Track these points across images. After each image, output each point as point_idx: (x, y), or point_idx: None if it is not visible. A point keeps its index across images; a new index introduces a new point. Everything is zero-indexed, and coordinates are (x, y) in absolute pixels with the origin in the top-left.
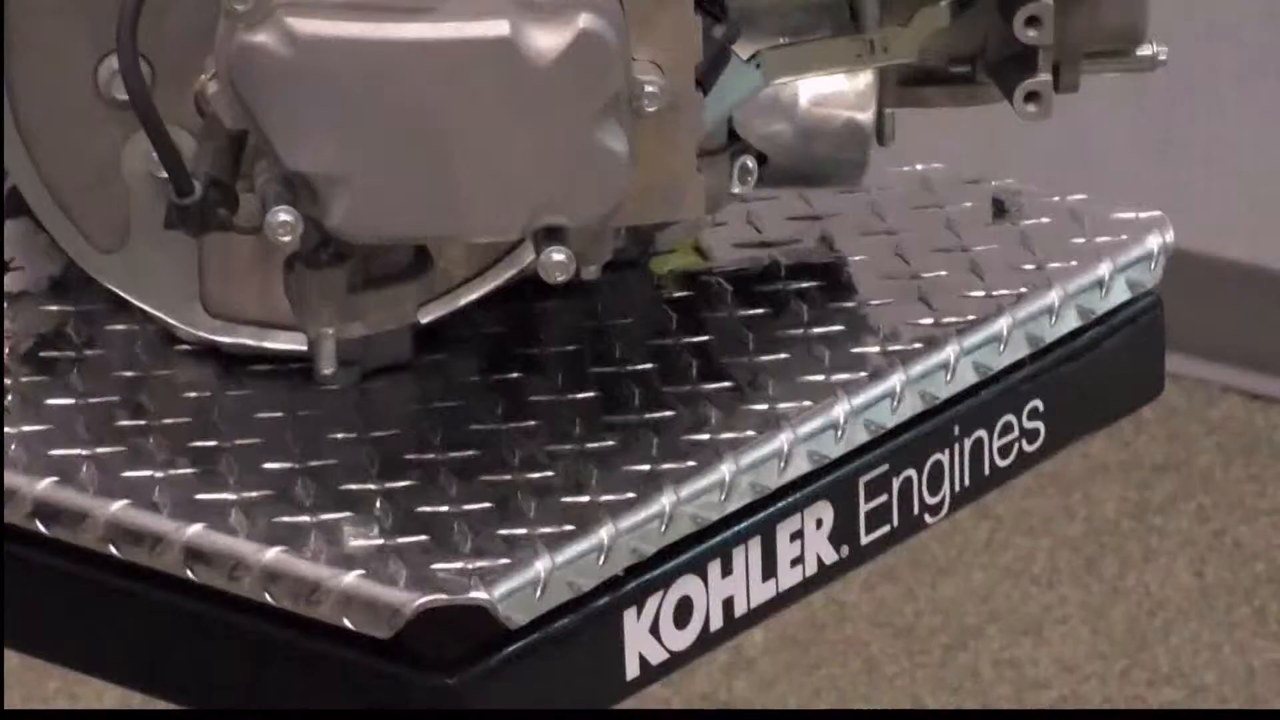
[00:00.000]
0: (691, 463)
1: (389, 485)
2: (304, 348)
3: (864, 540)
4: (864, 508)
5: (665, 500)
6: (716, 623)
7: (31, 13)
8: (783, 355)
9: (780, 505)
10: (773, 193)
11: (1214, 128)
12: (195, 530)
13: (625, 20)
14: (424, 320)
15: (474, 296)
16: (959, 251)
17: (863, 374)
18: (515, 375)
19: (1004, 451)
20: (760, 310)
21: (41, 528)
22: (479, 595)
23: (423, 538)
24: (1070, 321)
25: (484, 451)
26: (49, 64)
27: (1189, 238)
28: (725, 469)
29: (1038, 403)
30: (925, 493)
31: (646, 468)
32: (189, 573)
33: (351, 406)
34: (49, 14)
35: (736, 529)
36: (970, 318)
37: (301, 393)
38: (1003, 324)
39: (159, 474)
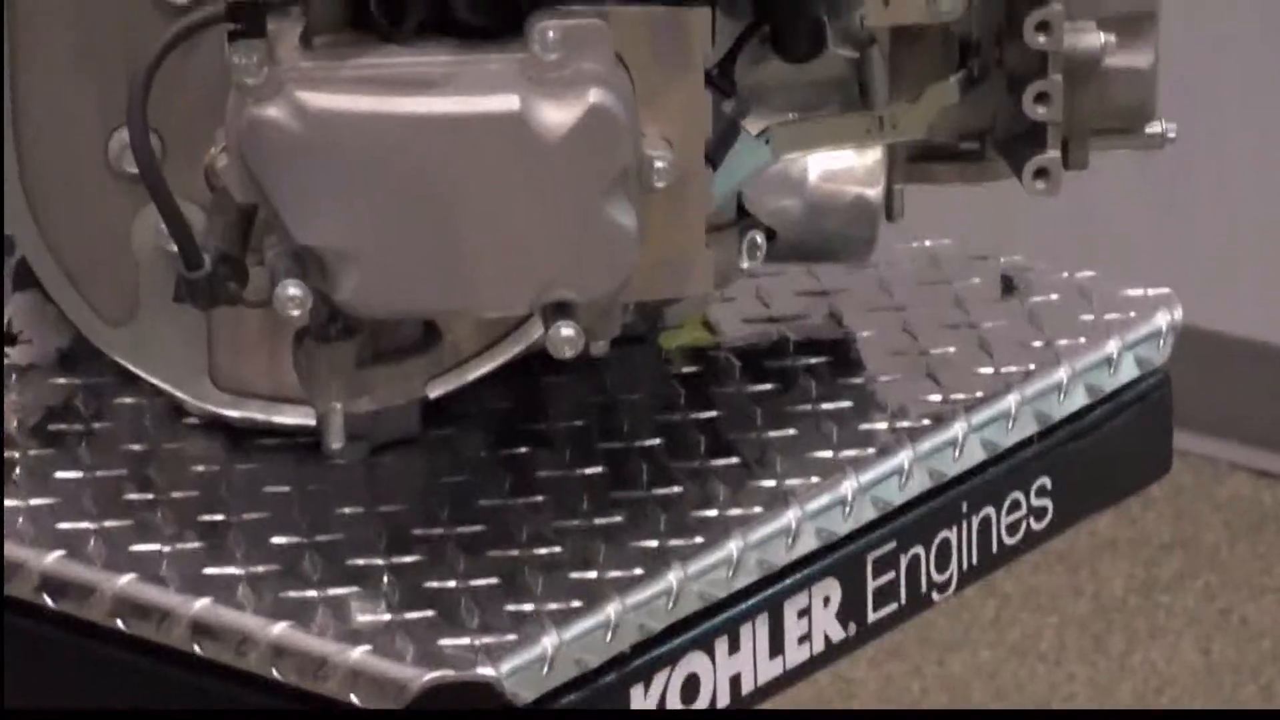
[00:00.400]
0: (699, 539)
1: (396, 560)
2: (312, 422)
3: (871, 618)
4: (871, 585)
5: (673, 577)
6: (723, 700)
7: (42, 85)
8: (791, 431)
9: (788, 582)
10: (781, 268)
11: (1219, 201)
12: (202, 605)
13: (635, 95)
14: (432, 395)
15: (482, 371)
16: (967, 328)
17: (871, 451)
18: (523, 450)
19: (1012, 529)
20: (768, 386)
21: (49, 601)
22: (486, 671)
23: (430, 613)
24: (1079, 399)
25: (491, 527)
26: (59, 136)
27: (1196, 313)
28: (733, 546)
29: (1046, 480)
30: (933, 570)
31: (654, 544)
32: (196, 647)
33: (359, 481)
34: (60, 86)
35: (744, 606)
36: (978, 395)
37: (309, 467)
38: (1011, 401)
39: (166, 548)
